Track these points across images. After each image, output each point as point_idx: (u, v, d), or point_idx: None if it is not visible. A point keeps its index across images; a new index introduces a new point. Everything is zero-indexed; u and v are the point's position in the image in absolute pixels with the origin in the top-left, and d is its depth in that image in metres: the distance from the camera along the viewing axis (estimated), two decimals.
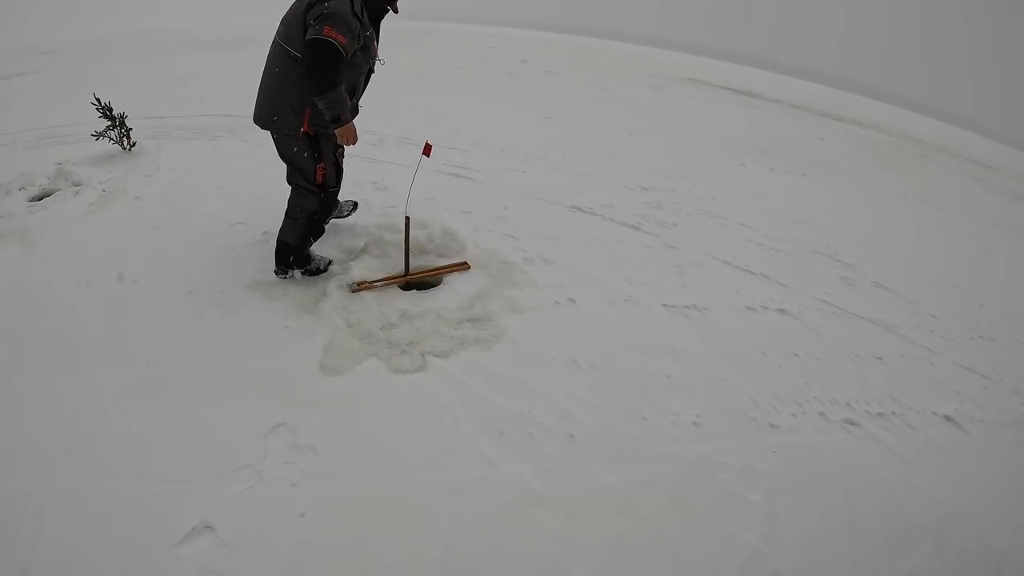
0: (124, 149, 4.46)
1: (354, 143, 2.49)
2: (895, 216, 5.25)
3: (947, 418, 2.66)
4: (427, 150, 2.61)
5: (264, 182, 3.87)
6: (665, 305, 3.04)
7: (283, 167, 2.76)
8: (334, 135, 2.48)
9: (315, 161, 2.59)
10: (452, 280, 2.99)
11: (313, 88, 2.30)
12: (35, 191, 3.83)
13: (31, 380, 2.33)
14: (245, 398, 2.28)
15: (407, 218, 2.86)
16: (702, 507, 2.05)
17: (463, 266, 3.05)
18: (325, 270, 2.93)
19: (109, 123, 4.37)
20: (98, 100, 4.30)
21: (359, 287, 2.84)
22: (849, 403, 2.61)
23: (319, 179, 2.60)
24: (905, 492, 2.23)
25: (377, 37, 2.55)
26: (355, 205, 3.48)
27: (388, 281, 2.92)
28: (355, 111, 2.58)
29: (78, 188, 3.83)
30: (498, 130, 5.68)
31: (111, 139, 4.41)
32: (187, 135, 5.03)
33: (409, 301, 2.83)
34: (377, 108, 4.94)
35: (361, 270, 2.95)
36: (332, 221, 3.14)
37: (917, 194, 6.07)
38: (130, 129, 4.46)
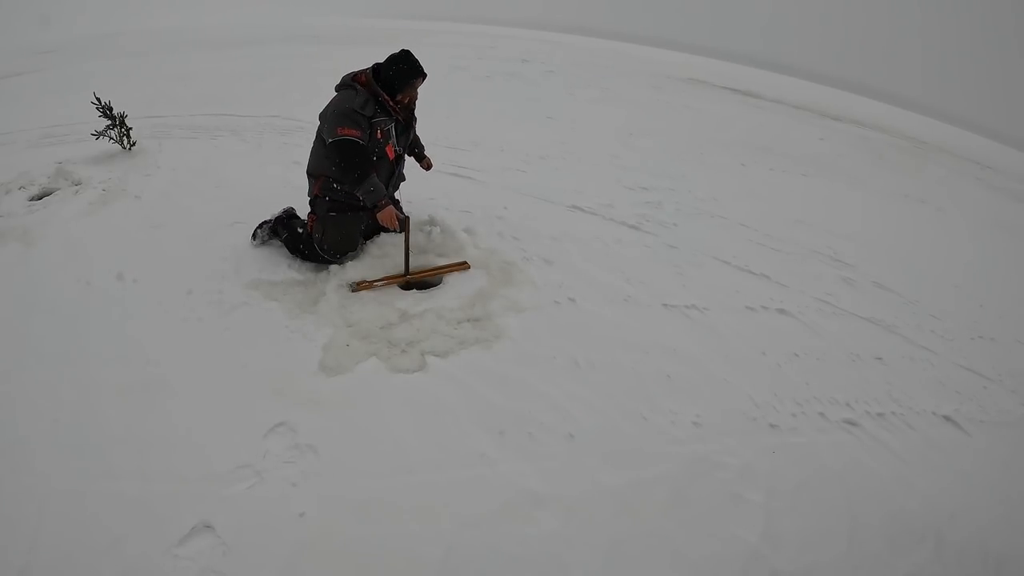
0: (124, 148, 4.46)
1: (393, 226, 2.77)
2: (895, 216, 5.25)
3: (947, 418, 2.66)
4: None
5: (264, 182, 3.88)
6: (665, 305, 3.04)
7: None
8: (330, 201, 2.89)
9: (303, 219, 3.06)
10: (452, 280, 2.99)
11: (350, 183, 2.74)
12: (35, 190, 3.83)
13: (31, 379, 2.33)
14: (245, 398, 2.28)
15: (407, 218, 2.86)
16: (702, 507, 2.04)
17: (463, 266, 3.05)
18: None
19: (109, 122, 4.37)
20: (98, 99, 4.30)
21: (359, 287, 2.84)
22: (849, 403, 2.61)
23: (310, 226, 2.97)
24: (905, 492, 2.23)
25: (400, 133, 2.91)
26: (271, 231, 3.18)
27: (388, 281, 2.92)
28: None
29: (78, 187, 3.83)
30: (498, 130, 5.68)
31: (111, 138, 4.41)
32: (187, 134, 5.04)
33: (409, 301, 2.83)
34: None
35: (361, 270, 2.94)
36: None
37: (917, 194, 6.07)
38: (130, 128, 4.46)
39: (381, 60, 2.82)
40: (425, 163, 3.29)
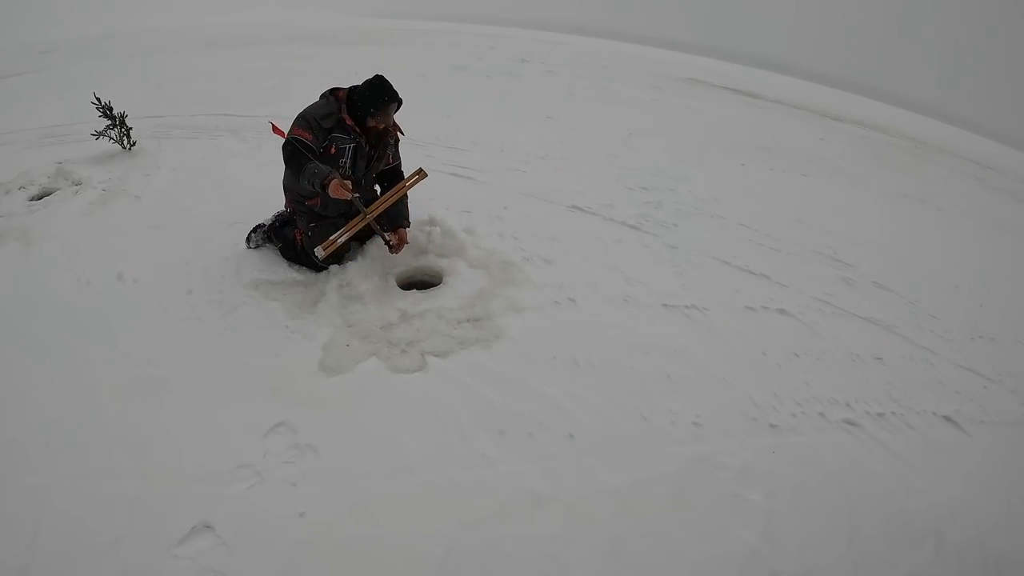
0: (124, 148, 4.46)
1: (346, 195, 2.58)
2: (895, 216, 5.25)
3: (947, 418, 2.66)
4: (277, 131, 2.90)
5: (264, 181, 3.87)
6: (665, 305, 3.04)
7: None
8: (306, 212, 2.92)
9: (294, 227, 3.03)
10: (452, 280, 2.99)
11: (293, 175, 2.73)
12: (35, 190, 3.84)
13: (31, 379, 2.33)
14: (245, 398, 2.28)
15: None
16: (702, 507, 2.04)
17: (420, 175, 2.88)
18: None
19: (109, 122, 4.37)
20: (98, 99, 4.31)
21: (326, 251, 2.74)
22: (849, 403, 2.61)
23: (299, 241, 2.98)
24: (905, 492, 2.23)
25: (362, 157, 2.83)
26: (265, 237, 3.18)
27: (351, 229, 2.80)
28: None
29: (78, 187, 3.84)
30: (498, 130, 5.68)
31: (111, 138, 4.42)
32: (187, 134, 5.04)
33: (409, 301, 2.83)
34: None
35: (362, 270, 2.94)
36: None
37: (917, 194, 6.07)
38: (130, 128, 4.47)
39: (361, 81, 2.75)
40: (396, 236, 2.96)
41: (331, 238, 2.77)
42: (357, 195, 2.73)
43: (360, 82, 2.78)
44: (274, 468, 2.02)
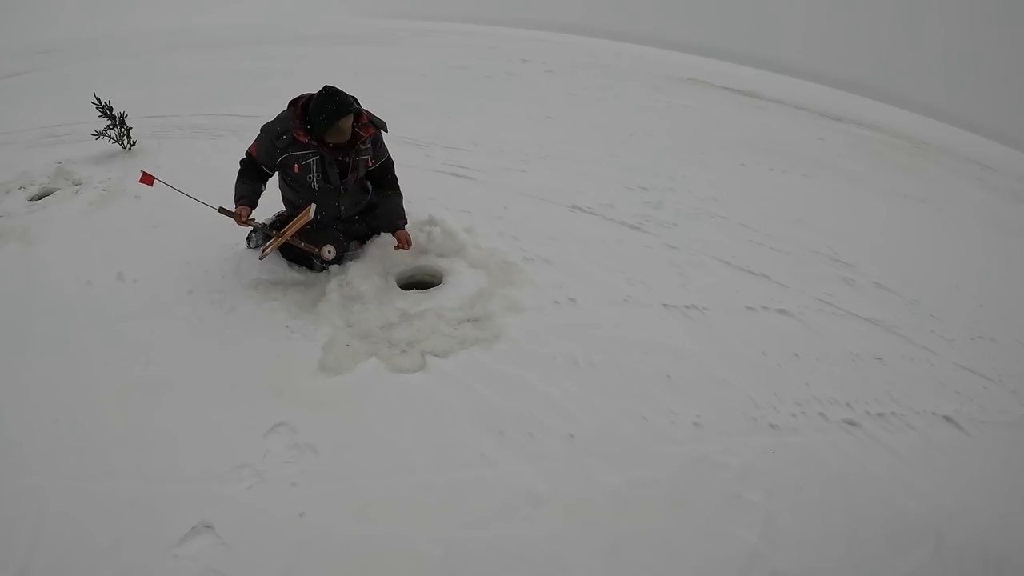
0: (124, 148, 4.46)
1: (237, 221, 2.81)
2: (895, 216, 5.25)
3: (947, 418, 2.66)
4: (146, 179, 2.89)
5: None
6: (665, 305, 3.04)
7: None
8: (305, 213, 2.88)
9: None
10: (452, 280, 2.99)
11: None
12: (35, 190, 3.84)
13: (31, 379, 2.33)
14: (245, 398, 2.28)
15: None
16: (702, 507, 2.04)
17: (305, 215, 2.79)
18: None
19: (109, 122, 4.38)
20: (98, 99, 4.31)
21: (263, 255, 2.91)
22: (849, 403, 2.61)
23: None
24: (905, 492, 2.23)
25: (331, 166, 2.77)
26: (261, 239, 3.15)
27: (275, 243, 2.84)
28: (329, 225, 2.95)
29: (78, 187, 3.84)
30: (498, 130, 5.68)
31: (111, 138, 4.42)
32: (187, 134, 5.04)
33: (409, 301, 2.83)
34: (379, 108, 4.94)
35: (362, 270, 2.94)
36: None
37: (917, 194, 6.07)
38: (130, 128, 4.47)
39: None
40: (399, 237, 3.00)
41: (264, 246, 2.91)
42: (253, 218, 2.86)
43: (338, 84, 2.67)
44: (274, 468, 2.02)
